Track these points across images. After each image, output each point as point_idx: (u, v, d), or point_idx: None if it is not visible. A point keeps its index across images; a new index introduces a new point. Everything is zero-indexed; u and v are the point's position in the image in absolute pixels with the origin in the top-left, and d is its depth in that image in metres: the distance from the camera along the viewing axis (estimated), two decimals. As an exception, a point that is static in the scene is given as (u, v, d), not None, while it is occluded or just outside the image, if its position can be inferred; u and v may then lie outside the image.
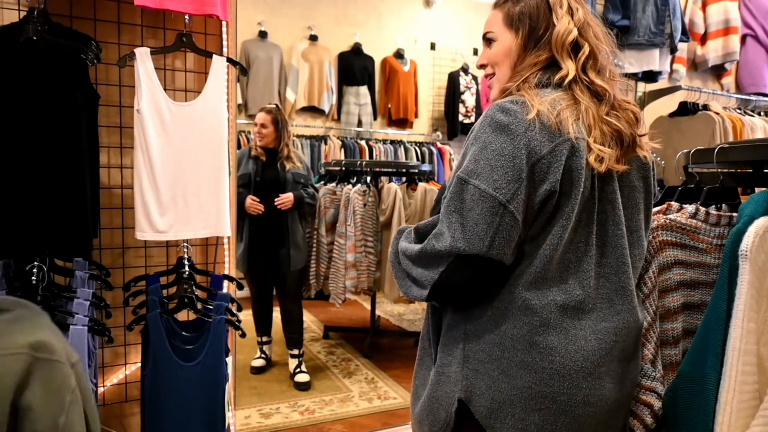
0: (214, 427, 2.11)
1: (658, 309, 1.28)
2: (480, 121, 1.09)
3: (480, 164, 1.03)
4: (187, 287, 2.13)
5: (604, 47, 1.16)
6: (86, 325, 1.87)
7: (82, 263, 2.05)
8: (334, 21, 5.72)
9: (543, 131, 1.02)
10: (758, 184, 1.42)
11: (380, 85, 5.95)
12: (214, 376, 2.08)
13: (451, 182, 1.09)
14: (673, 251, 1.29)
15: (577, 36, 1.12)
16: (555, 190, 1.03)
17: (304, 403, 3.10)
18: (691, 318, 1.31)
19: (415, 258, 1.11)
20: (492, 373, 1.07)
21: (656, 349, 1.25)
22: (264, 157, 3.33)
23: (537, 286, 1.06)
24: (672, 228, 1.30)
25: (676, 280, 1.29)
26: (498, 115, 1.05)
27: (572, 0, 1.15)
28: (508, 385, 1.06)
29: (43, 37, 1.85)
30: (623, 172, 1.11)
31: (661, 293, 1.28)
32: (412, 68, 5.96)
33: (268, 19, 5.42)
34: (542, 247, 1.05)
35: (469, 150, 1.08)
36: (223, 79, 2.17)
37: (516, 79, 1.13)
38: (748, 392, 1.10)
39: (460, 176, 1.05)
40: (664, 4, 3.39)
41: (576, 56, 1.12)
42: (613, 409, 1.11)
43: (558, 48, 1.12)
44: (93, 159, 2.01)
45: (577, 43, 1.13)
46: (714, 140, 3.32)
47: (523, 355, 1.05)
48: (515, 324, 1.06)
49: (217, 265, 2.39)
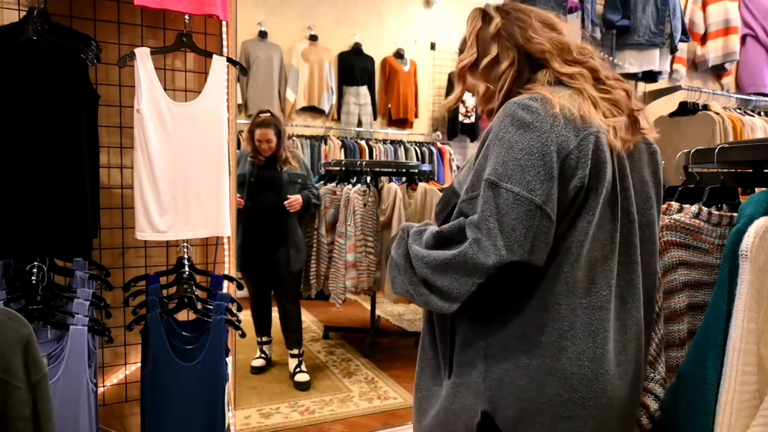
0: (214, 427, 2.11)
1: (663, 310, 1.28)
2: (499, 120, 1.04)
3: (509, 166, 0.98)
4: (187, 287, 2.13)
5: (554, 34, 1.16)
6: (86, 325, 1.87)
7: (82, 263, 2.05)
8: (334, 21, 5.72)
9: (568, 126, 1.00)
10: (758, 184, 1.42)
11: (380, 85, 5.95)
12: (214, 376, 2.08)
13: (465, 183, 1.06)
14: (677, 252, 1.29)
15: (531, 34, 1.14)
16: (584, 185, 1.00)
17: (304, 403, 3.10)
18: (695, 319, 1.30)
19: (440, 266, 1.03)
20: (519, 383, 1.02)
21: (658, 350, 1.25)
22: (262, 160, 3.32)
23: (566, 289, 1.02)
24: (677, 228, 1.30)
25: (681, 281, 1.28)
26: (520, 113, 1.01)
27: (491, 10, 1.20)
28: (537, 393, 1.01)
29: (43, 37, 1.85)
30: (636, 166, 1.10)
31: (666, 295, 1.28)
32: (412, 68, 5.96)
33: (268, 19, 5.42)
34: (570, 245, 1.02)
35: (491, 151, 1.02)
36: (223, 79, 2.17)
37: (501, 83, 1.14)
38: (749, 392, 1.10)
39: (490, 180, 0.99)
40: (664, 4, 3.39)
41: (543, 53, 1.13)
42: (631, 408, 1.11)
43: (528, 47, 1.14)
44: (93, 159, 2.01)
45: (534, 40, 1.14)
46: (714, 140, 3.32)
47: (552, 362, 1.01)
48: (544, 330, 1.02)
49: (217, 265, 2.39)
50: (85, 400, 1.86)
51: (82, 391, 1.85)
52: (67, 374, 1.83)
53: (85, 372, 1.86)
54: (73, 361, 1.84)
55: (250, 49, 5.31)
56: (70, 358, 1.84)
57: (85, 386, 1.86)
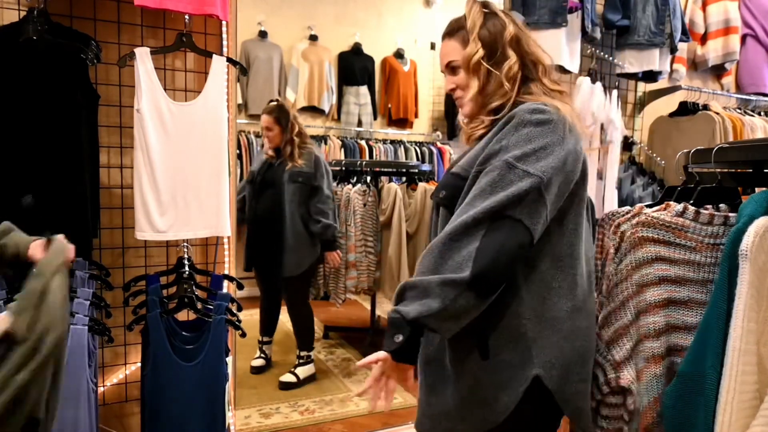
0: (214, 427, 2.11)
1: (638, 303, 1.32)
2: (516, 122, 1.18)
3: (551, 163, 1.14)
4: (187, 287, 2.13)
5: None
6: (86, 325, 1.87)
7: (82, 263, 2.05)
8: (334, 21, 5.72)
9: (573, 129, 1.21)
10: (758, 184, 1.42)
11: (380, 85, 5.95)
12: (214, 376, 2.09)
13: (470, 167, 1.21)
14: (654, 247, 1.32)
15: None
16: (578, 178, 1.21)
17: (304, 403, 3.10)
18: (676, 313, 1.33)
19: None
20: (558, 344, 1.20)
21: (616, 335, 1.32)
22: (271, 156, 3.26)
23: (570, 263, 1.22)
24: (653, 225, 1.32)
25: (657, 275, 1.31)
26: (538, 116, 1.18)
27: (498, 11, 1.32)
28: (570, 349, 1.21)
29: (43, 37, 1.85)
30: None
31: (641, 288, 1.32)
32: (412, 68, 5.95)
33: (268, 19, 5.42)
34: (566, 226, 1.22)
35: (510, 141, 1.16)
36: (223, 79, 2.17)
37: (508, 87, 1.27)
38: (749, 392, 1.10)
39: (513, 163, 1.14)
40: (664, 4, 3.38)
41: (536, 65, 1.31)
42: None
43: (526, 58, 1.30)
44: (93, 159, 2.01)
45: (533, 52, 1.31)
46: (714, 140, 3.31)
47: (573, 322, 1.22)
48: (568, 299, 1.21)
49: (217, 265, 2.39)
50: (85, 400, 1.86)
51: (82, 391, 1.86)
52: (67, 374, 1.83)
53: (85, 372, 1.86)
54: (73, 360, 1.84)
55: (250, 49, 5.31)
56: (70, 357, 1.84)
57: (85, 386, 1.86)
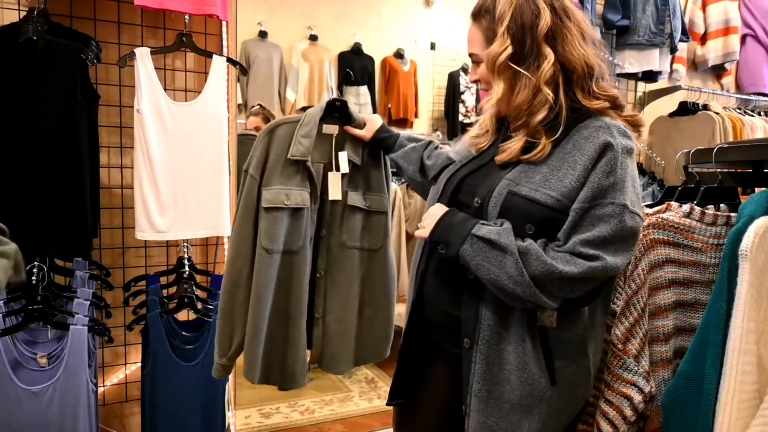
0: (214, 426, 2.11)
1: (648, 306, 1.29)
2: (617, 153, 1.09)
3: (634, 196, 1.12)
4: (187, 287, 2.13)
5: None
6: (86, 325, 1.87)
7: (82, 263, 2.05)
8: (334, 21, 5.72)
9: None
10: (758, 184, 1.42)
11: (380, 85, 5.95)
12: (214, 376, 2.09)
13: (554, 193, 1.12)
14: (664, 249, 1.31)
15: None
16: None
17: (304, 403, 3.10)
18: (684, 316, 1.32)
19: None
20: (599, 356, 1.27)
21: (641, 345, 1.28)
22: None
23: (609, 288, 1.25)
24: (664, 227, 1.31)
25: (668, 278, 1.31)
26: (627, 141, 1.12)
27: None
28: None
29: (43, 37, 1.85)
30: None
31: (652, 291, 1.30)
32: (412, 68, 5.95)
33: (268, 19, 5.41)
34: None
35: (618, 179, 1.09)
36: (223, 79, 2.17)
37: (541, 99, 1.14)
38: (748, 392, 1.10)
39: (631, 209, 1.10)
40: (664, 4, 3.39)
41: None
42: None
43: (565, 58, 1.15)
44: (93, 159, 2.01)
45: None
46: (714, 140, 3.32)
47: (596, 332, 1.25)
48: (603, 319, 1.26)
49: (217, 265, 2.39)
50: (85, 400, 1.86)
51: (82, 391, 1.86)
52: (67, 374, 1.84)
53: (85, 372, 1.86)
54: (73, 360, 1.84)
55: (250, 49, 5.31)
56: (70, 357, 1.84)
57: (85, 386, 1.87)
